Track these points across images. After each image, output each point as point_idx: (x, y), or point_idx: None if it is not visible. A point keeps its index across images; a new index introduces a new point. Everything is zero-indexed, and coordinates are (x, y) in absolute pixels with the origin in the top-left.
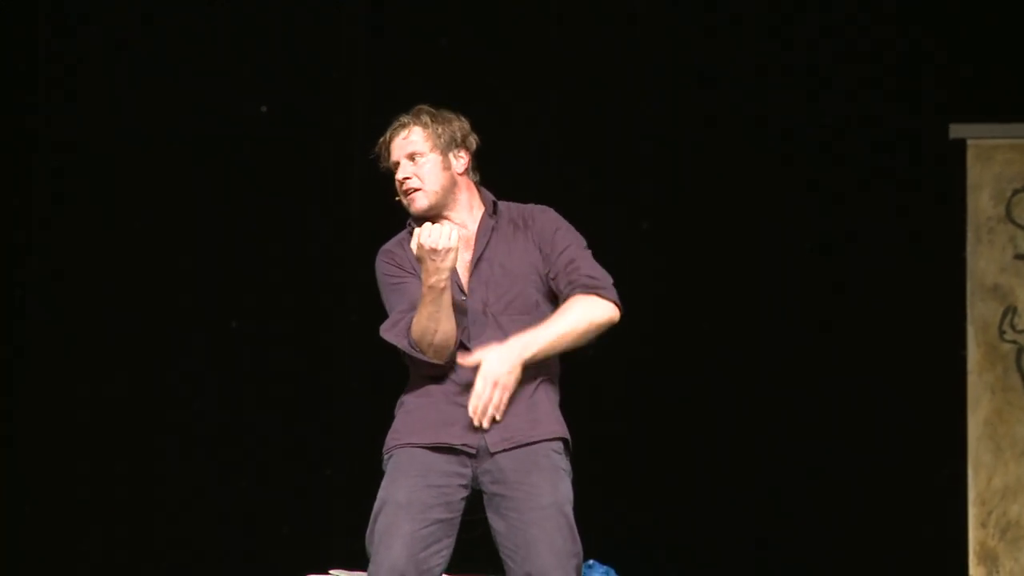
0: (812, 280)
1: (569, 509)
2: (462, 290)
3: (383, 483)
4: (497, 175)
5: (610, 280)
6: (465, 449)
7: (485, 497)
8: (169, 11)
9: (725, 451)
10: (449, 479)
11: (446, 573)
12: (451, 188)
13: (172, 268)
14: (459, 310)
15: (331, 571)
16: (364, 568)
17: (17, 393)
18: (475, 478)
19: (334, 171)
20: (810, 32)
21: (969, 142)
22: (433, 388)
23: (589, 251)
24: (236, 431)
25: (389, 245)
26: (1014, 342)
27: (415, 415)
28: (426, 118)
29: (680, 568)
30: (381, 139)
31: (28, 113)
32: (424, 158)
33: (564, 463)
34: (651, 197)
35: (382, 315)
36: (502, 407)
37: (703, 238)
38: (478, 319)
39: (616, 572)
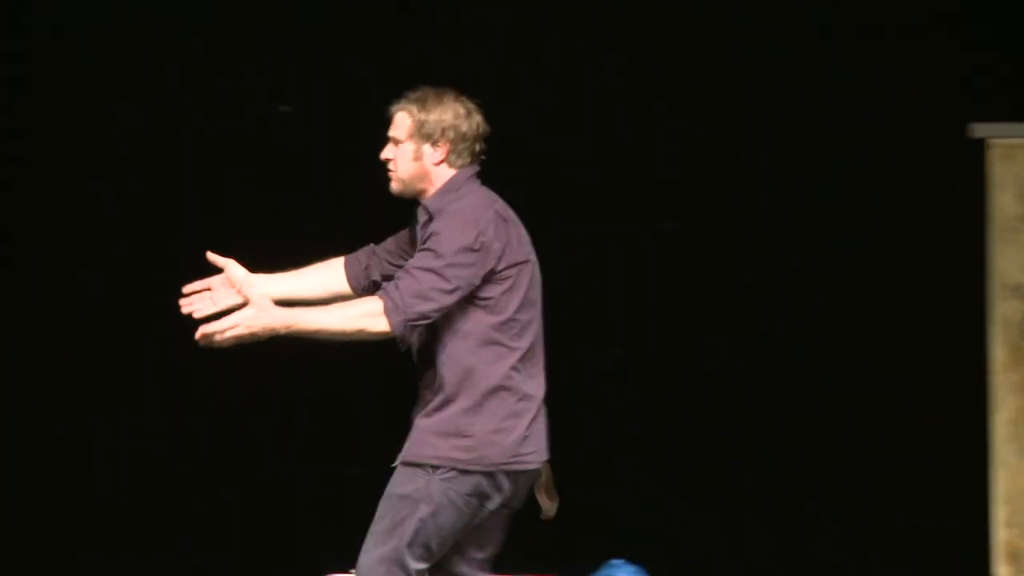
0: (835, 280)
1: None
2: None
3: None
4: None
5: (414, 306)
6: None
7: None
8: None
9: (752, 453)
10: None
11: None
12: (422, 177)
13: (174, 264)
14: None
15: (351, 571)
16: None
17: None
18: None
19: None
20: (833, 32)
21: (991, 141)
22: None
23: (437, 272)
24: (252, 431)
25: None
26: None
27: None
28: (414, 104)
29: (707, 568)
30: None
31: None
32: (401, 145)
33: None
34: (673, 198)
35: None
36: (220, 337)
37: (728, 239)
38: None
39: (646, 572)
